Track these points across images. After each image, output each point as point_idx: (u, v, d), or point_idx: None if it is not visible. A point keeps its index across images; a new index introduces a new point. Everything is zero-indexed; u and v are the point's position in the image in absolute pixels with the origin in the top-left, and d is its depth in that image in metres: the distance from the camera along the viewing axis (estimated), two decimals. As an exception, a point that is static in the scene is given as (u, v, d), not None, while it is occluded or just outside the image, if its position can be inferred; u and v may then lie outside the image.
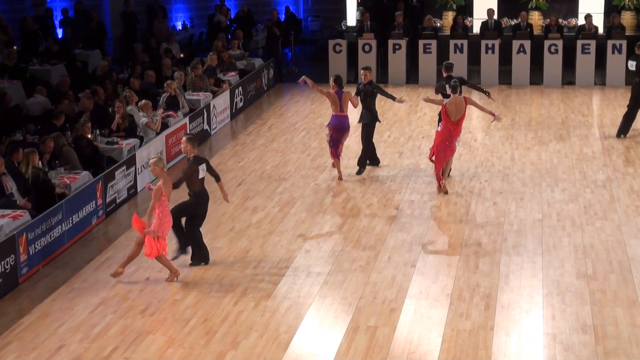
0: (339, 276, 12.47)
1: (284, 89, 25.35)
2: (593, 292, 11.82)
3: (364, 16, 26.26)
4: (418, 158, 18.07)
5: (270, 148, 19.15)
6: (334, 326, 11.07)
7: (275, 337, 10.77)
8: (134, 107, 17.79)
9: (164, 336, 10.82)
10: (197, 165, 12.65)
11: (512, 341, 10.59)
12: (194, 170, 12.63)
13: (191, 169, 12.64)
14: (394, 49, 25.32)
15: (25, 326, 11.16)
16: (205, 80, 21.12)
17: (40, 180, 13.89)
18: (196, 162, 12.70)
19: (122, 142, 16.61)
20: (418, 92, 24.22)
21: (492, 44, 24.89)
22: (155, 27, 27.28)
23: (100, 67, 21.19)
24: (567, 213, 14.82)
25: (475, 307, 11.44)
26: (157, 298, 11.86)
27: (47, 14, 26.66)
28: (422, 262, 12.93)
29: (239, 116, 22.23)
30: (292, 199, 15.82)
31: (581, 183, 16.38)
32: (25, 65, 21.52)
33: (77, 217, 14.00)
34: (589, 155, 18.14)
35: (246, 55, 25.32)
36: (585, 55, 24.60)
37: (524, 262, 12.89)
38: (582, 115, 21.48)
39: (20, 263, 12.39)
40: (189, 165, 12.70)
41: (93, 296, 11.97)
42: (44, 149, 14.80)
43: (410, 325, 11.00)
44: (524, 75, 24.90)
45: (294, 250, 13.46)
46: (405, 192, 16.04)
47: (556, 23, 25.45)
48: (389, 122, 20.99)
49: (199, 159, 12.79)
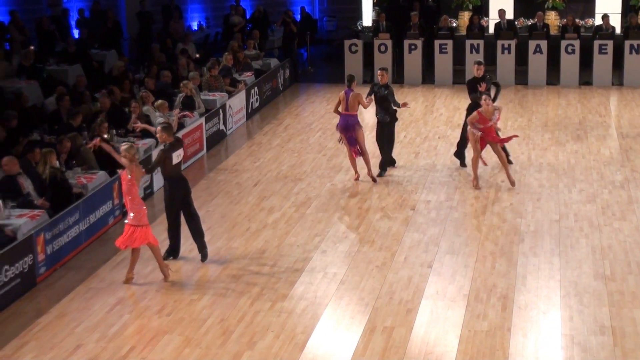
0: (356, 277, 12.46)
1: (300, 89, 25.35)
2: (611, 293, 11.77)
3: (380, 16, 26.24)
4: (434, 158, 18.04)
5: (286, 148, 19.15)
6: (350, 327, 11.05)
7: (292, 337, 10.76)
8: (150, 107, 17.82)
9: (181, 336, 10.83)
10: (171, 152, 12.72)
11: (529, 342, 10.55)
12: (166, 156, 12.73)
13: (163, 154, 12.78)
14: (410, 49, 25.29)
15: (42, 326, 11.19)
16: (220, 80, 21.14)
17: (58, 180, 13.93)
18: (170, 148, 12.75)
19: (138, 142, 16.62)
20: (434, 93, 24.19)
21: (509, 44, 24.83)
22: (171, 27, 27.33)
23: (116, 67, 21.23)
24: (585, 214, 14.76)
25: (492, 307, 11.40)
26: (173, 298, 11.88)
27: (64, 15, 26.74)
28: (438, 262, 12.90)
29: (255, 116, 22.24)
30: (308, 199, 15.81)
31: (599, 184, 16.31)
32: (42, 65, 21.58)
33: (94, 217, 14.03)
34: (606, 155, 18.07)
35: (262, 55, 25.34)
36: (603, 55, 24.51)
37: (541, 262, 12.84)
38: (600, 116, 21.40)
39: (38, 263, 12.42)
40: (161, 151, 12.88)
41: (110, 296, 11.99)
42: (61, 149, 14.84)
43: (426, 326, 10.97)
44: (541, 76, 24.83)
45: (310, 250, 13.45)
46: (422, 192, 16.01)
47: (573, 23, 25.37)
48: (405, 123, 20.96)
49: (174, 145, 12.81)
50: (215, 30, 29.80)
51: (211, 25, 30.25)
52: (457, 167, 17.39)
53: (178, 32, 26.90)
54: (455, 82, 25.09)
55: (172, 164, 12.73)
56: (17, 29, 23.85)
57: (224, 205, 15.48)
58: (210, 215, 15.08)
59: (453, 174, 16.97)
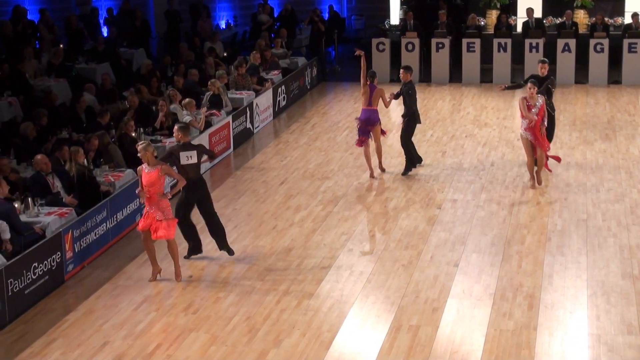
0: (382, 275, 12.46)
1: (327, 88, 25.36)
2: (639, 292, 11.70)
3: (407, 15, 26.19)
4: (461, 157, 18.00)
5: (313, 147, 19.17)
6: (376, 325, 11.05)
7: (318, 335, 10.78)
8: (177, 105, 17.90)
9: (207, 334, 10.87)
10: (179, 150, 12.73)
11: (555, 341, 10.50)
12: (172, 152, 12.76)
13: (169, 150, 12.90)
14: (437, 48, 25.23)
15: (70, 323, 11.28)
16: (248, 78, 21.19)
17: (85, 178, 14.03)
18: (181, 147, 12.79)
19: (165, 140, 16.71)
20: (461, 91, 24.13)
21: (537, 42, 24.70)
22: (199, 25, 27.43)
23: (144, 66, 21.34)
24: (613, 213, 14.68)
25: (518, 307, 11.37)
26: (199, 296, 11.93)
27: (93, 13, 26.90)
28: (464, 261, 12.88)
29: (282, 115, 22.28)
30: (335, 197, 15.82)
31: (627, 183, 16.21)
32: (71, 63, 21.73)
33: (121, 214, 14.12)
34: (635, 154, 17.95)
35: (289, 54, 25.37)
36: (632, 54, 24.34)
37: (568, 262, 12.78)
38: (629, 115, 21.26)
39: (66, 260, 12.52)
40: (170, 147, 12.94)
41: (137, 294, 12.06)
42: (88, 147, 14.94)
43: (452, 325, 10.95)
44: (569, 74, 24.70)
45: (337, 249, 13.46)
46: (448, 191, 15.99)
47: (602, 21, 25.21)
48: (431, 121, 20.92)
49: (185, 145, 12.82)
50: (243, 29, 29.86)
51: (239, 23, 30.32)
52: (484, 166, 17.33)
53: (206, 30, 27.00)
54: (482, 81, 25.02)
55: (180, 163, 12.72)
56: (47, 28, 24.03)
57: (251, 204, 15.53)
58: (237, 213, 15.12)
59: (480, 173, 16.92)
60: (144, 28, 26.53)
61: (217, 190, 16.36)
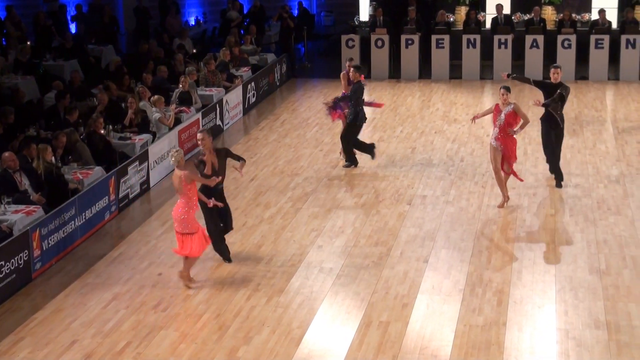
0: (352, 271, 12.47)
1: (297, 84, 25.35)
2: (606, 287, 11.79)
3: (377, 11, 26.22)
4: (430, 153, 18.05)
5: (282, 143, 19.16)
6: (346, 321, 11.07)
7: (288, 332, 10.78)
8: (146, 102, 17.82)
9: (177, 331, 10.84)
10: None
11: (524, 336, 10.57)
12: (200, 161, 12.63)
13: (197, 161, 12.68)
14: (407, 44, 25.28)
15: (38, 321, 11.20)
16: (217, 75, 21.14)
17: (53, 175, 13.94)
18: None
19: (134, 138, 16.64)
20: (431, 88, 24.19)
21: (505, 39, 24.82)
22: (168, 22, 27.33)
23: (113, 63, 21.23)
24: (580, 208, 14.78)
25: (488, 302, 11.42)
26: (169, 294, 11.89)
27: (61, 10, 26.74)
28: (434, 257, 12.92)
29: (252, 111, 22.24)
30: (305, 194, 15.82)
31: (594, 178, 16.33)
32: (39, 60, 21.58)
33: (90, 212, 14.04)
34: (602, 150, 18.09)
35: (259, 50, 25.33)
36: (599, 50, 24.51)
37: (536, 257, 12.86)
38: (596, 111, 21.41)
39: (33, 258, 12.43)
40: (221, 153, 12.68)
41: (106, 292, 12.01)
42: (56, 144, 14.84)
43: (422, 321, 10.99)
44: (537, 70, 24.76)
45: (307, 245, 13.47)
46: (418, 187, 16.03)
47: (569, 18, 25.36)
48: (401, 118, 20.97)
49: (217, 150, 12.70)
50: (212, 26, 29.79)
51: (208, 20, 30.25)
52: (453, 162, 17.40)
53: (175, 27, 26.90)
54: (452, 77, 25.11)
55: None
56: (14, 25, 23.86)
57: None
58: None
59: (449, 169, 16.98)
60: (112, 25, 26.39)
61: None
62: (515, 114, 14.53)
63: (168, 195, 15.94)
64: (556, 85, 15.59)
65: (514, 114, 14.52)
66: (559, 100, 15.39)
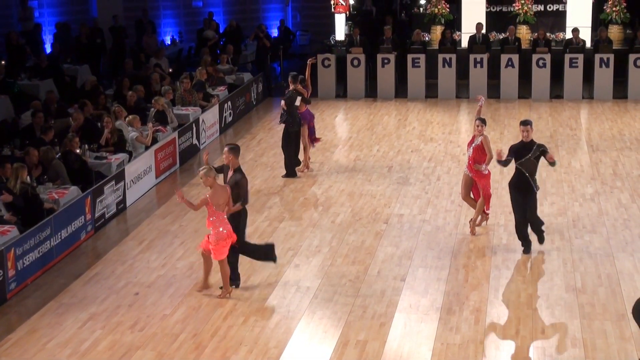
0: (329, 290, 12.46)
1: (273, 103, 25.35)
2: (582, 305, 11.84)
3: (353, 31, 26.32)
4: (407, 172, 18.09)
5: (259, 162, 19.14)
6: (323, 340, 11.05)
7: (265, 351, 10.74)
8: (122, 121, 17.78)
9: (153, 351, 10.79)
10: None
11: (502, 355, 10.59)
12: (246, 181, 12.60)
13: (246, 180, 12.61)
14: (383, 63, 25.38)
15: (13, 342, 11.11)
16: (194, 94, 21.12)
17: (29, 195, 13.85)
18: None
19: (111, 157, 16.58)
20: (407, 106, 24.26)
21: (481, 58, 24.96)
22: (145, 41, 27.30)
23: (88, 82, 21.16)
24: (556, 226, 14.85)
25: (465, 321, 11.44)
26: (145, 313, 11.83)
27: (36, 30, 26.66)
28: (411, 276, 12.93)
29: (228, 130, 22.23)
30: (281, 213, 15.81)
31: (570, 197, 16.41)
32: (13, 80, 21.49)
33: (65, 232, 13.96)
34: (577, 168, 18.19)
35: (235, 69, 25.34)
36: (573, 69, 24.69)
37: (513, 275, 12.90)
38: (570, 129, 21.55)
39: (8, 278, 12.34)
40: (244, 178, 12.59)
41: (82, 311, 11.93)
42: (29, 160, 14.76)
43: (400, 340, 10.99)
44: (513, 89, 24.99)
45: (283, 264, 13.44)
46: (395, 206, 16.05)
47: (544, 37, 25.54)
48: (377, 137, 21.02)
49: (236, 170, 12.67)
50: (188, 45, 29.79)
51: (184, 39, 30.24)
52: (430, 181, 17.44)
53: (151, 46, 26.87)
54: (427, 96, 25.21)
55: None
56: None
57: (197, 220, 15.42)
58: (184, 229, 15.04)
59: (426, 188, 17.03)
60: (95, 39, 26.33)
61: (164, 207, 16.27)
62: (483, 148, 14.30)
63: (144, 215, 15.89)
64: (529, 143, 13.63)
65: (482, 147, 14.29)
66: (537, 159, 13.61)
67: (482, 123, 14.38)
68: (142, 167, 16.95)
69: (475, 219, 14.62)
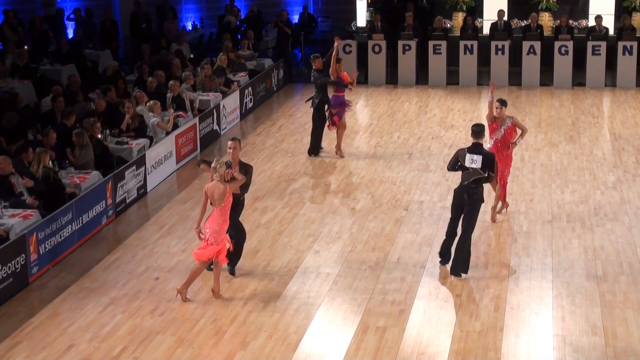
0: (349, 277, 12.47)
1: (294, 90, 25.36)
2: (603, 293, 11.79)
3: (375, 17, 26.24)
4: (427, 159, 18.05)
5: (279, 148, 19.15)
6: (343, 327, 11.06)
7: (285, 337, 10.77)
8: (143, 107, 17.82)
9: (173, 336, 10.83)
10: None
11: (521, 342, 10.57)
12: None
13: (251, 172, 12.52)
14: (404, 50, 25.30)
15: (35, 325, 11.19)
16: (214, 80, 21.14)
17: (51, 179, 13.92)
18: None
19: (132, 142, 16.64)
20: (428, 93, 24.21)
21: (502, 45, 24.84)
22: (166, 27, 27.33)
23: (110, 67, 21.22)
24: (578, 215, 14.79)
25: (485, 308, 11.42)
26: (166, 298, 11.87)
27: (58, 14, 26.73)
28: (431, 263, 12.91)
29: (249, 116, 22.24)
30: (302, 199, 15.82)
31: (591, 184, 16.34)
32: (36, 65, 21.57)
33: (86, 217, 14.02)
34: (599, 156, 18.10)
35: (256, 55, 25.33)
36: (596, 56, 24.54)
37: (533, 263, 12.86)
38: (593, 117, 21.44)
39: (30, 262, 12.42)
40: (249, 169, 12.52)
41: (102, 296, 11.99)
42: (47, 141, 14.83)
43: (419, 326, 10.99)
44: (534, 77, 24.86)
45: (304, 250, 13.46)
46: (415, 193, 16.03)
47: (566, 24, 25.39)
48: (398, 123, 20.98)
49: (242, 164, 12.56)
50: (209, 31, 29.80)
51: (205, 25, 30.25)
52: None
53: (172, 32, 26.90)
54: (449, 83, 25.12)
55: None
56: (11, 29, 23.83)
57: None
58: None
59: (446, 175, 16.97)
60: (110, 29, 26.38)
61: (184, 192, 16.31)
62: (514, 128, 14.27)
63: (165, 200, 15.94)
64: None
65: (513, 127, 14.25)
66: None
67: (502, 105, 14.18)
68: (162, 153, 16.99)
69: (495, 205, 14.57)
